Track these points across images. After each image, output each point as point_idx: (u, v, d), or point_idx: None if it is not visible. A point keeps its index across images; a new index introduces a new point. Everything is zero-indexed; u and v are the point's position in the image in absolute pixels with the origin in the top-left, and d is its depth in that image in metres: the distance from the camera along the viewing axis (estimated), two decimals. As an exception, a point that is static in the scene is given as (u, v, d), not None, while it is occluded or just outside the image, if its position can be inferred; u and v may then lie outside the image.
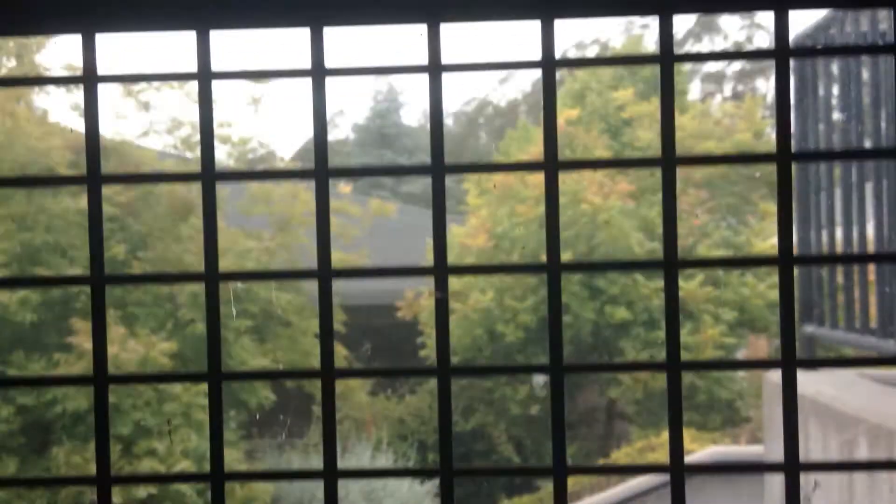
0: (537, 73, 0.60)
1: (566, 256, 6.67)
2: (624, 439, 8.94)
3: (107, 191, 0.58)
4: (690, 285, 7.83)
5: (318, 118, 0.52)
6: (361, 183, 7.91)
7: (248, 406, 7.57)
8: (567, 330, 7.49)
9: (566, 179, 7.79)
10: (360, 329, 9.11)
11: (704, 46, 17.23)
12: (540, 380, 8.07)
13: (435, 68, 0.51)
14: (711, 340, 8.10)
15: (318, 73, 0.51)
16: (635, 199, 8.46)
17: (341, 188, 8.66)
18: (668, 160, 0.51)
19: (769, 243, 8.42)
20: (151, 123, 9.06)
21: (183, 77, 0.56)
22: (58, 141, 7.28)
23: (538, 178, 6.66)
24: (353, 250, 7.80)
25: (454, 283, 7.73)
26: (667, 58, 0.52)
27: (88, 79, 0.52)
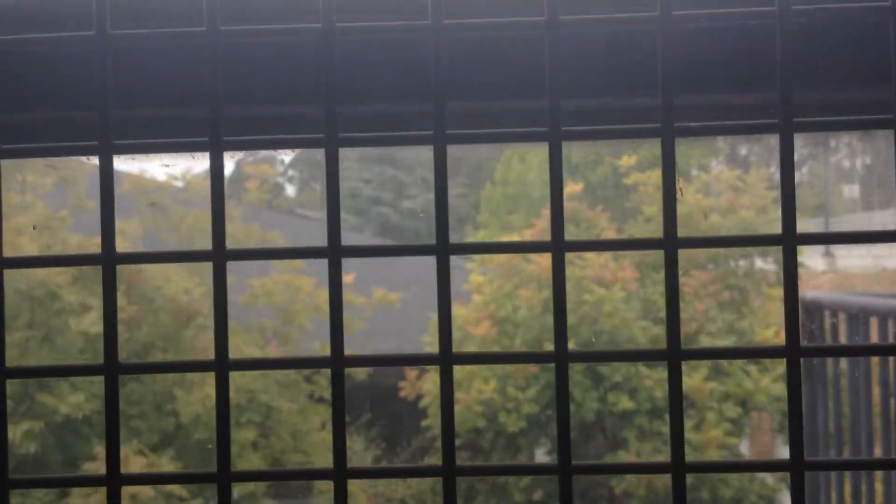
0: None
1: (569, 344, 6.59)
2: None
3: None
4: (695, 380, 7.78)
5: (332, 198, 0.51)
6: (364, 271, 7.89)
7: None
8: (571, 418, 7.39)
9: (567, 265, 7.77)
10: (361, 410, 9.06)
11: None
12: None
13: (440, 144, 0.51)
14: (715, 440, 7.99)
15: (332, 143, 0.51)
16: (638, 281, 8.43)
17: (346, 277, 8.62)
18: (670, 243, 0.51)
19: (771, 331, 8.40)
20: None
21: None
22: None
23: (539, 257, 6.64)
24: (356, 346, 7.78)
25: (457, 371, 7.69)
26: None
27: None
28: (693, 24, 0.55)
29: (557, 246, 0.55)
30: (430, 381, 8.24)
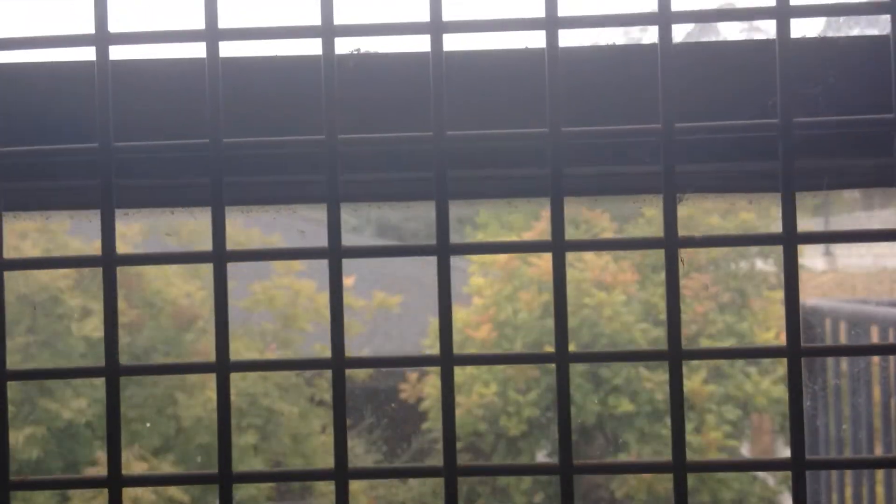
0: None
1: (569, 347, 6.59)
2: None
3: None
4: (694, 382, 7.77)
5: (336, 306, 0.52)
6: (364, 274, 7.87)
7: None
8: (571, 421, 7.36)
9: (568, 267, 7.79)
10: (361, 413, 9.04)
11: None
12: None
13: (443, 249, 0.51)
14: (715, 442, 7.98)
15: (335, 253, 0.52)
16: (639, 283, 8.42)
17: (346, 280, 8.61)
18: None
19: (771, 333, 8.38)
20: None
21: (198, 259, 0.56)
22: (62, 269, 7.19)
23: (540, 259, 6.65)
24: (356, 348, 7.76)
25: (458, 374, 7.69)
26: (671, 243, 0.51)
27: (107, 263, 0.52)
28: (694, 135, 0.55)
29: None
30: (431, 385, 8.23)
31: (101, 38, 0.55)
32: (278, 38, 0.56)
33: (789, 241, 0.54)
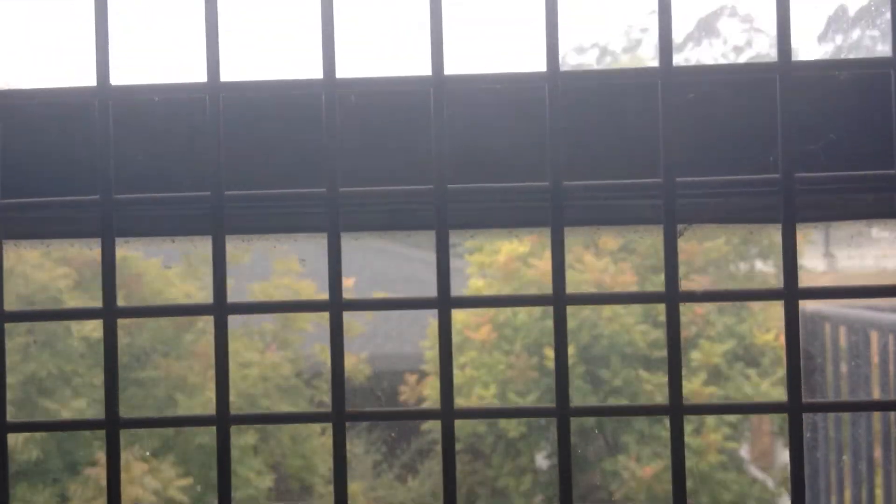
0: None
1: (569, 349, 6.60)
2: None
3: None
4: (694, 384, 7.76)
5: (336, 359, 0.52)
6: (364, 276, 7.88)
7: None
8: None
9: (567, 269, 7.79)
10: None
11: (704, 50, 17.29)
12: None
13: (444, 303, 0.51)
14: (715, 444, 7.98)
15: (336, 307, 0.52)
16: (638, 285, 8.41)
17: (345, 282, 8.61)
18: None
19: (771, 335, 8.38)
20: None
21: (198, 311, 0.56)
22: (61, 269, 7.15)
23: (539, 261, 6.63)
24: (357, 348, 7.76)
25: (457, 376, 7.69)
26: (672, 298, 0.51)
27: (108, 315, 0.52)
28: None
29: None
30: (430, 386, 8.23)
31: (103, 90, 0.55)
32: (280, 91, 0.56)
33: (791, 295, 0.54)
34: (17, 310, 0.58)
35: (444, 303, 0.55)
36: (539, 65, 0.56)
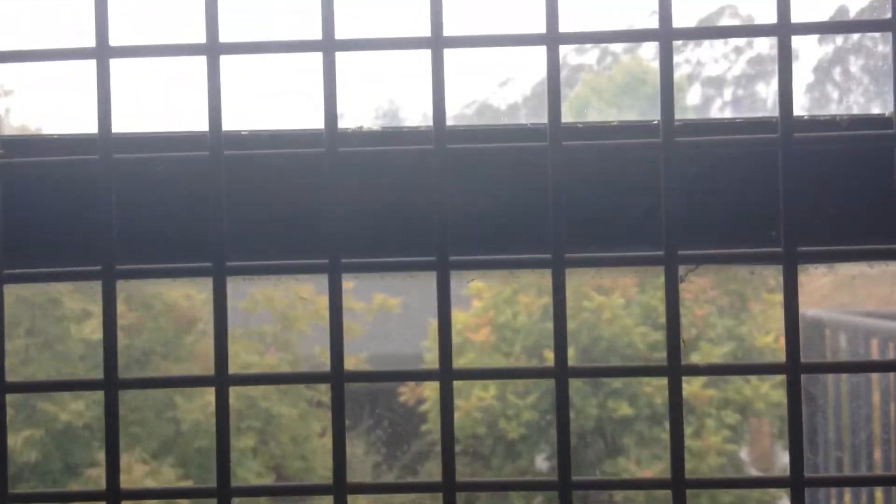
0: (539, 76, 0.61)
1: (569, 351, 6.56)
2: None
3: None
4: (693, 386, 7.75)
5: (338, 428, 0.52)
6: (365, 276, 7.85)
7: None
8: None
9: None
10: (362, 414, 9.04)
11: (704, 51, 17.28)
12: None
13: (446, 375, 0.51)
14: (714, 447, 7.97)
15: (338, 379, 0.52)
16: (638, 286, 8.41)
17: (345, 284, 8.52)
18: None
19: (771, 337, 8.37)
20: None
21: (200, 382, 0.57)
22: None
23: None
24: (356, 349, 7.74)
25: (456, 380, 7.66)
26: (675, 373, 0.51)
27: (109, 386, 0.52)
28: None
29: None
30: (430, 387, 8.22)
31: (105, 148, 0.55)
32: (282, 147, 0.57)
33: (794, 369, 0.54)
34: (18, 381, 0.58)
35: (446, 375, 0.55)
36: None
